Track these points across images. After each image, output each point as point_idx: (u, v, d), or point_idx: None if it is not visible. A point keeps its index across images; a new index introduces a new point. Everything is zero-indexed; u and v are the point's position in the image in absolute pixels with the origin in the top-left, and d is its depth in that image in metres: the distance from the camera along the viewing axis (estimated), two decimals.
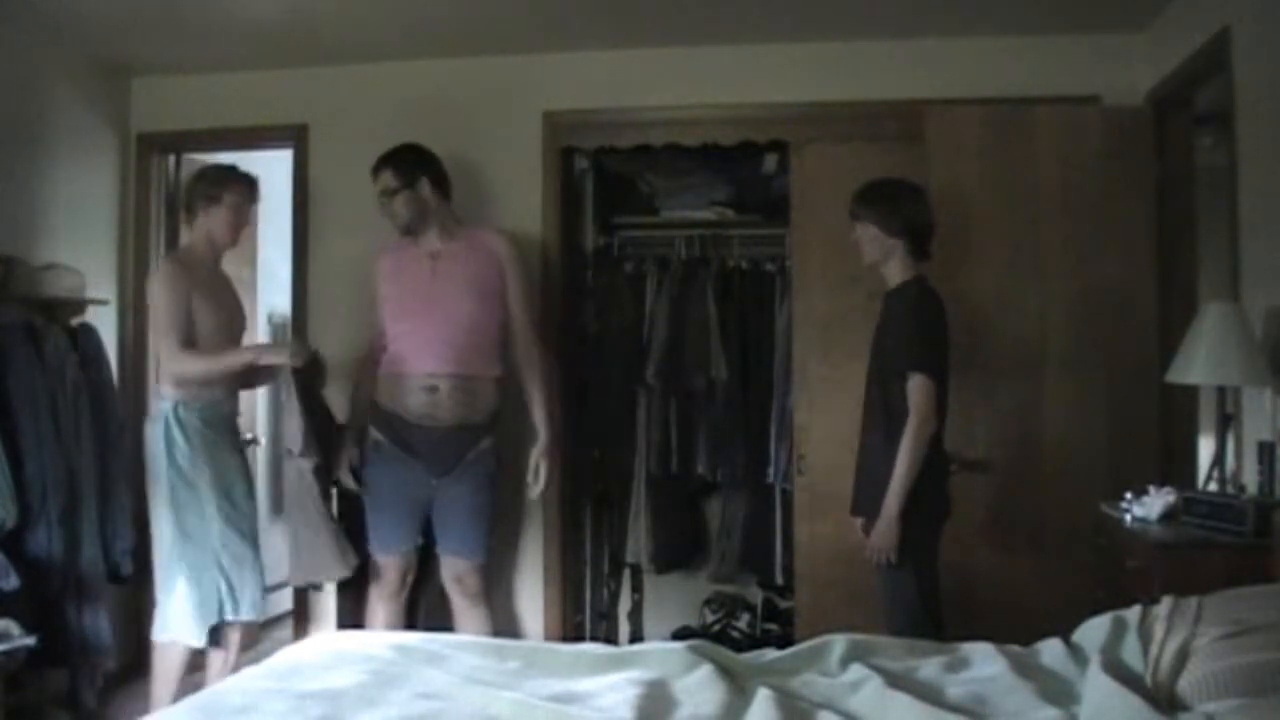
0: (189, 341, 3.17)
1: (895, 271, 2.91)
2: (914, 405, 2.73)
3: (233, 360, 3.26)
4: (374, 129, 4.05)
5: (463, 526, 3.38)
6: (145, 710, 2.93)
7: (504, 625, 3.74)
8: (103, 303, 3.91)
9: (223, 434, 3.29)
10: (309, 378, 3.33)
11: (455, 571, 3.42)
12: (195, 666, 3.31)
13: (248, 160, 4.66)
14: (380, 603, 3.42)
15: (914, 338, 2.80)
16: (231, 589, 3.22)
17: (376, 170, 3.44)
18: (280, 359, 3.27)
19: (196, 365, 3.19)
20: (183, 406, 3.18)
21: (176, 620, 3.15)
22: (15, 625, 2.89)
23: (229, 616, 3.22)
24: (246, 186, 3.37)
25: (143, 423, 3.35)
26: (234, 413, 3.41)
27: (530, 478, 3.50)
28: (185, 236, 3.43)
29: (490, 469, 3.44)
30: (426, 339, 3.33)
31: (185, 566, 3.14)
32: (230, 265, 4.54)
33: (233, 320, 3.39)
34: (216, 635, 3.24)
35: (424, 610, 3.57)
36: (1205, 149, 3.62)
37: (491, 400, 3.44)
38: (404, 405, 3.33)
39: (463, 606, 3.44)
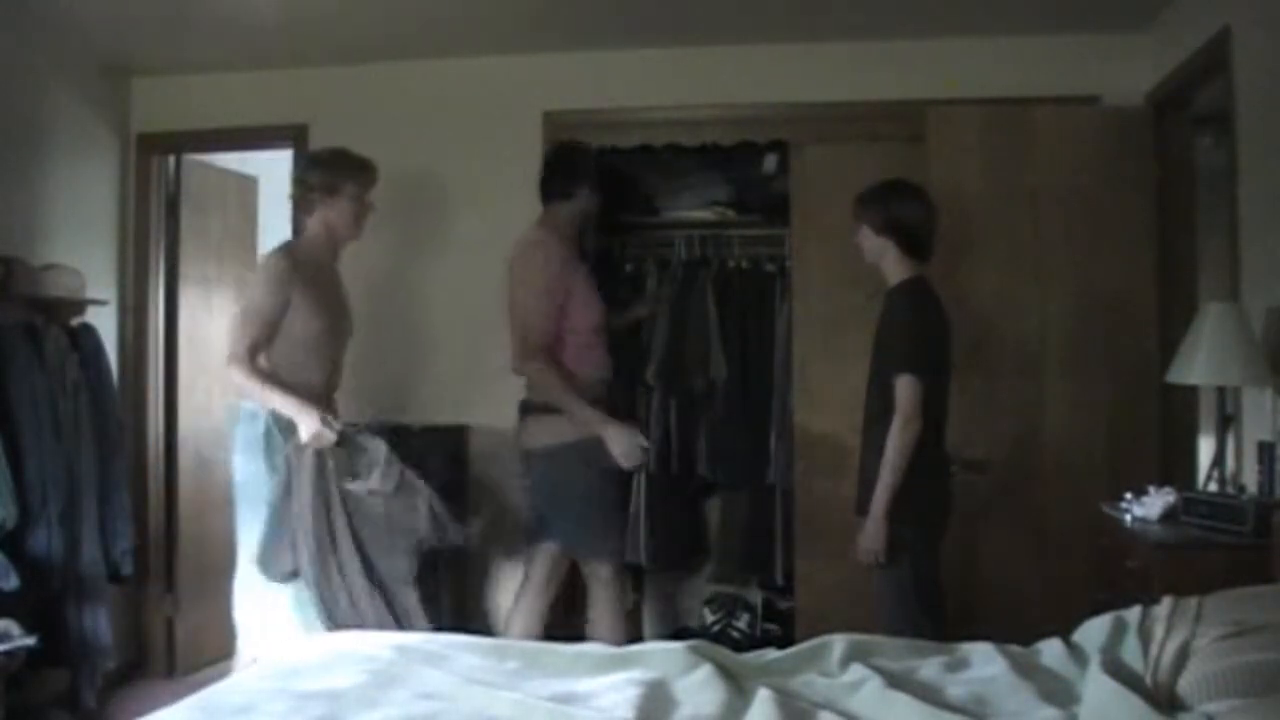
0: (256, 350, 2.93)
1: (892, 271, 2.92)
2: (899, 405, 2.74)
3: (279, 404, 2.90)
4: (374, 129, 4.06)
5: None
6: (145, 710, 2.92)
7: (504, 625, 3.72)
8: (102, 303, 3.90)
9: None
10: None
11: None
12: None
13: (248, 160, 4.69)
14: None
15: (904, 338, 2.81)
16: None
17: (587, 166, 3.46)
18: (301, 430, 2.89)
19: (244, 382, 2.92)
20: None
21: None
22: (15, 625, 2.90)
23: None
24: (366, 174, 3.14)
25: (230, 419, 3.04)
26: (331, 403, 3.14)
27: None
28: (303, 226, 3.18)
29: None
30: (604, 341, 3.42)
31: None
32: (231, 267, 4.57)
33: (337, 323, 3.14)
34: None
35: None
36: (1205, 149, 3.62)
37: None
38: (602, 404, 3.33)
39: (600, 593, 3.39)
